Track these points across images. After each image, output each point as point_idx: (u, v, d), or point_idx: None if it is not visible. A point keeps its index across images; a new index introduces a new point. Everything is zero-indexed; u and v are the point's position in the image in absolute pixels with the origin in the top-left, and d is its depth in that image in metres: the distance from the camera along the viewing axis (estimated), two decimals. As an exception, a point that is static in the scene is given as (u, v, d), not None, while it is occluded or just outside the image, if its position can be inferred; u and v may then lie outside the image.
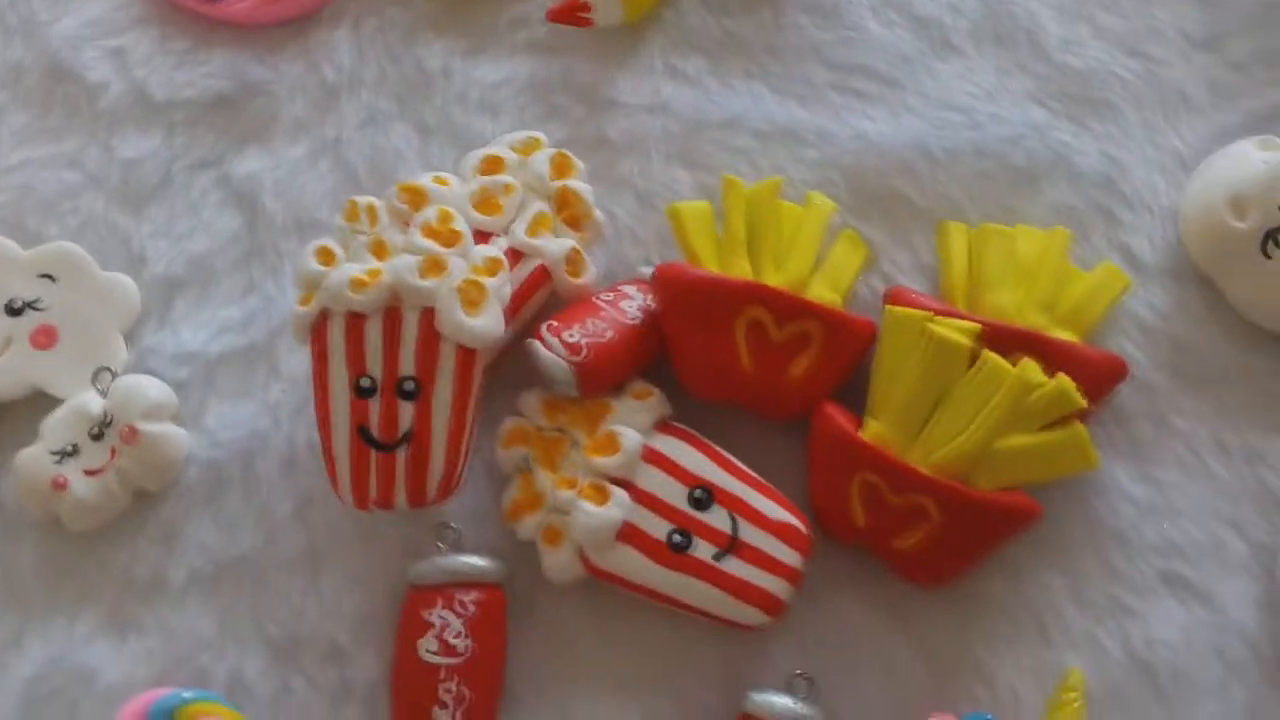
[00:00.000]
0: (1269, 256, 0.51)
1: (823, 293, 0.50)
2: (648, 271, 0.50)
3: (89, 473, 0.48)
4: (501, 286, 0.46)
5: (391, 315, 0.45)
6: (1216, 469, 0.50)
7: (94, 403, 0.49)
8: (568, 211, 0.50)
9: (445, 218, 0.46)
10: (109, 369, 0.50)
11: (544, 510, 0.46)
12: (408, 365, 0.45)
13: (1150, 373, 0.51)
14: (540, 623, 0.47)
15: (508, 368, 0.49)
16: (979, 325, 0.47)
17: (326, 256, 0.46)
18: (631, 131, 0.54)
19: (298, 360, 0.49)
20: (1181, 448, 0.51)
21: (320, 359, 0.46)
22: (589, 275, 0.49)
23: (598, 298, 0.49)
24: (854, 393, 0.49)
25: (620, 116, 0.54)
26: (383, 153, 0.54)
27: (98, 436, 0.48)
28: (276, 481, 0.49)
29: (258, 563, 0.48)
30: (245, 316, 0.51)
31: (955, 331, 0.47)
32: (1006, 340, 0.48)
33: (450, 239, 0.46)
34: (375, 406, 0.45)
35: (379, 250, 0.46)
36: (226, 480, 0.49)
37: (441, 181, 0.48)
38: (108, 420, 0.49)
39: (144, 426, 0.48)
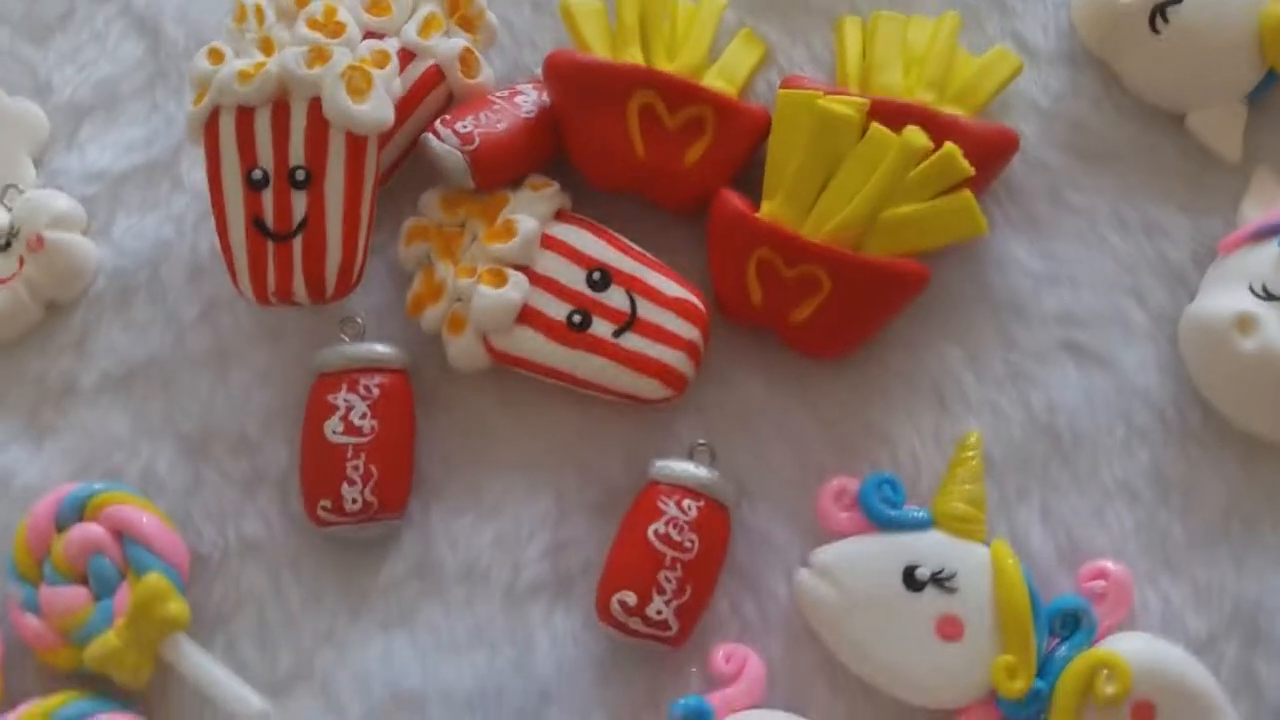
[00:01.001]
0: (1157, 32, 0.51)
1: (717, 83, 0.50)
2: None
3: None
4: (390, 77, 0.46)
5: (280, 107, 0.46)
6: (1115, 242, 0.51)
7: (1, 215, 0.50)
8: (459, 13, 0.50)
9: (330, 11, 0.47)
10: (16, 186, 0.51)
11: (445, 300, 0.47)
12: (298, 155, 0.45)
13: (1046, 151, 0.52)
14: (450, 412, 0.48)
15: (408, 176, 0.50)
16: (867, 100, 0.48)
17: (216, 57, 0.47)
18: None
19: (199, 174, 0.49)
20: (1080, 222, 0.51)
21: (213, 156, 0.46)
22: (483, 75, 0.50)
23: (492, 94, 0.50)
24: (751, 184, 0.49)
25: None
26: (280, -27, 0.55)
27: (5, 247, 0.49)
28: (183, 287, 0.50)
29: (167, 363, 0.49)
30: (149, 135, 0.52)
31: (843, 104, 0.47)
32: (895, 115, 0.48)
33: (335, 31, 0.46)
34: (268, 197, 0.45)
35: (266, 47, 0.47)
36: (135, 287, 0.50)
37: (331, -15, 0.49)
38: (15, 231, 0.49)
39: (51, 235, 0.49)
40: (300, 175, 0.45)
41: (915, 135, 0.47)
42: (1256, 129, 0.52)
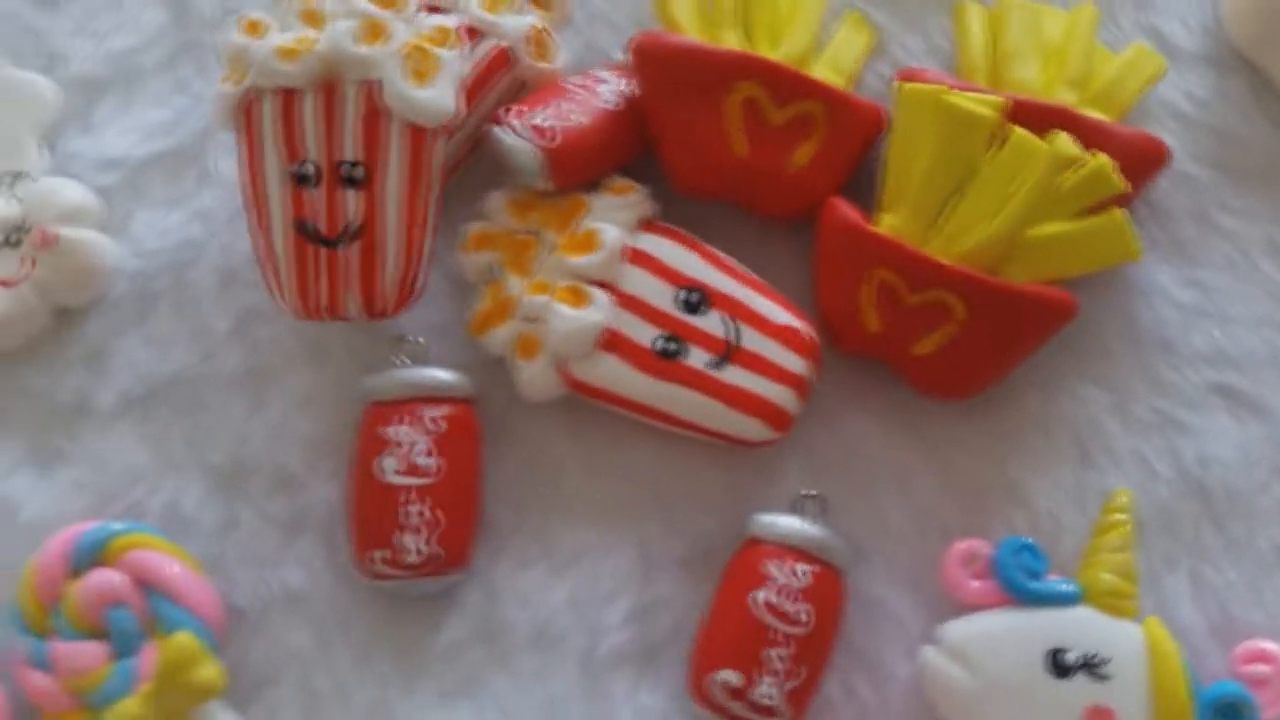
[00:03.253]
0: (1326, 32, 0.45)
1: (826, 74, 0.44)
2: (624, 58, 0.45)
3: (2, 284, 0.43)
4: (456, 60, 0.40)
5: (329, 90, 0.39)
6: (1271, 271, 0.45)
7: (8, 207, 0.43)
8: (533, -13, 0.44)
9: (388, -21, 0.40)
10: (26, 173, 0.44)
11: (515, 319, 0.41)
12: (351, 148, 0.39)
13: (1191, 166, 0.46)
14: (518, 447, 0.42)
15: (470, 173, 0.44)
16: (1003, 99, 0.42)
17: (254, 28, 0.40)
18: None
19: (232, 164, 0.43)
20: (1230, 248, 0.45)
21: (250, 145, 0.40)
22: (557, 59, 0.44)
23: (569, 82, 0.43)
24: (863, 191, 0.43)
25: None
26: (326, -66, 0.48)
27: (13, 244, 0.43)
28: (213, 295, 0.43)
29: (194, 384, 0.43)
30: (174, 117, 0.46)
31: (976, 103, 0.41)
32: (1033, 117, 0.42)
33: (392, 1, 0.40)
34: (317, 197, 0.39)
35: (312, 19, 0.40)
36: (157, 294, 0.44)
37: (387, -50, 0.43)
38: (24, 226, 0.43)
39: (63, 231, 0.43)
40: (354, 171, 0.39)
41: (1065, 144, 0.41)
42: None
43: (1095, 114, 0.44)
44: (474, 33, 0.42)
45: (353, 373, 0.42)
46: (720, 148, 0.42)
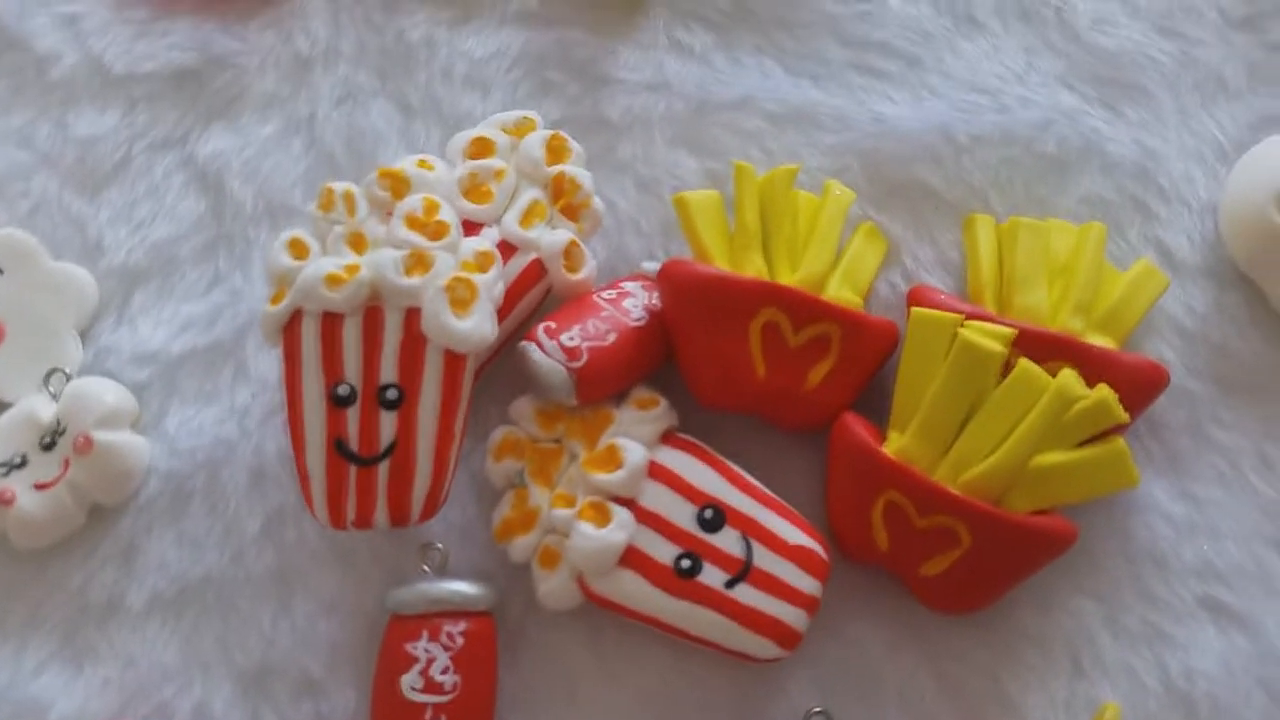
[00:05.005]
0: (1315, 255, 0.48)
1: (842, 292, 0.46)
2: (652, 267, 0.46)
3: (39, 486, 0.44)
4: (494, 284, 0.41)
5: (371, 316, 0.41)
6: (1260, 485, 0.47)
7: (45, 408, 0.45)
8: (564, 200, 0.45)
9: (431, 207, 0.42)
10: (62, 370, 0.45)
11: (538, 530, 0.42)
12: (390, 372, 0.41)
13: (1188, 380, 0.48)
14: (534, 652, 0.44)
15: (500, 370, 0.46)
16: (1013, 330, 0.44)
17: (299, 249, 0.42)
18: (632, 111, 0.50)
19: (268, 361, 0.45)
20: (1222, 462, 0.47)
21: (292, 363, 0.41)
22: (588, 270, 0.45)
23: (598, 295, 0.45)
24: (875, 400, 0.45)
25: (620, 94, 0.50)
26: (361, 132, 0.49)
27: (49, 446, 0.44)
28: (244, 495, 0.45)
29: (224, 584, 0.44)
30: (210, 311, 0.47)
31: (988, 337, 0.43)
32: (1041, 346, 0.44)
33: (436, 231, 0.41)
34: (353, 417, 0.41)
35: (357, 243, 0.42)
36: (189, 493, 0.45)
37: (426, 166, 0.44)
38: (60, 428, 0.44)
39: (100, 435, 0.44)
40: (391, 394, 0.41)
41: (1072, 382, 0.42)
42: None
43: (1101, 340, 0.46)
44: (510, 247, 0.44)
45: (377, 576, 0.44)
46: (742, 368, 0.44)
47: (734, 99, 0.50)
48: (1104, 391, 0.43)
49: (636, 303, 0.45)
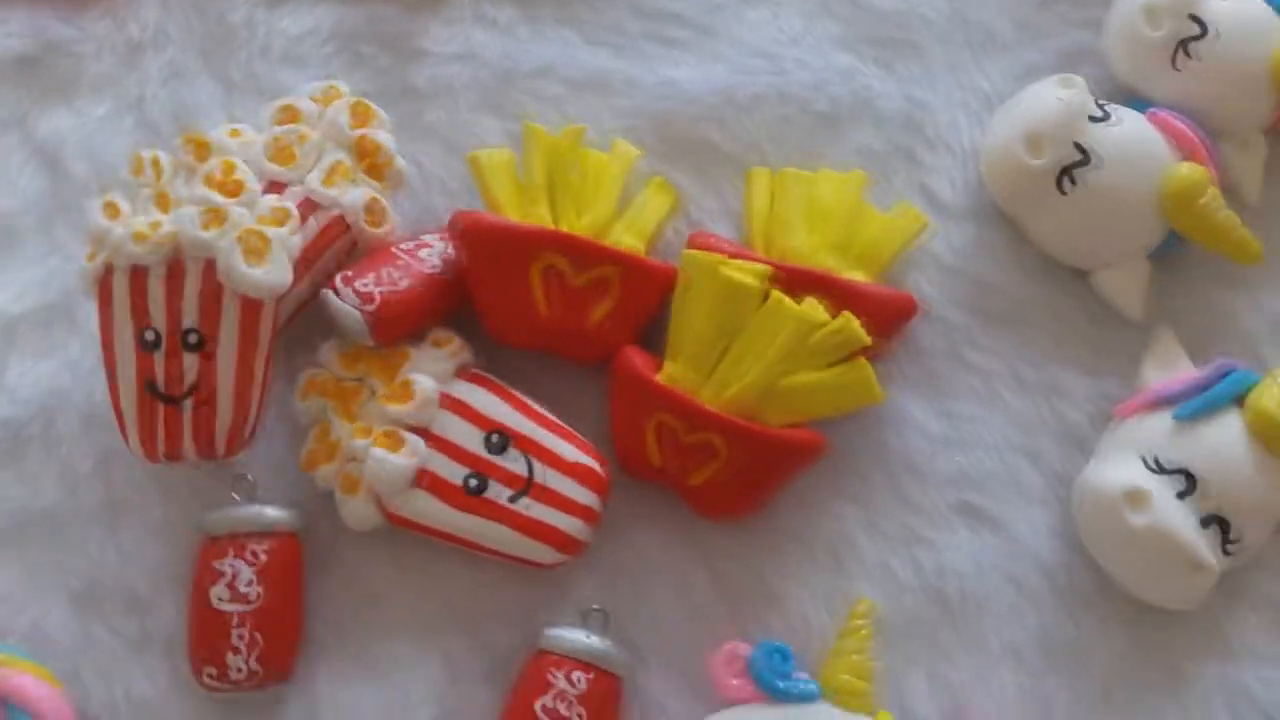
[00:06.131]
0: (1065, 193, 0.52)
1: (625, 239, 0.51)
2: (448, 226, 0.51)
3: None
4: (289, 237, 0.46)
5: (175, 267, 0.45)
6: (1013, 401, 0.52)
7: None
8: (368, 160, 0.50)
9: (228, 168, 0.46)
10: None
11: (340, 459, 0.47)
12: (190, 317, 0.45)
13: (948, 310, 0.52)
14: (341, 571, 0.48)
15: (312, 321, 0.50)
16: (769, 267, 0.48)
17: (113, 211, 0.46)
18: (439, 80, 0.54)
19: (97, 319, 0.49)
20: (977, 382, 0.52)
21: (106, 313, 0.46)
22: (390, 225, 0.50)
23: (396, 247, 0.49)
24: (660, 336, 0.50)
25: (428, 65, 0.54)
26: (186, 108, 0.53)
27: (-106, 396, 0.49)
28: (77, 438, 0.49)
29: (59, 517, 0.48)
30: (47, 276, 0.51)
31: (744, 273, 0.48)
32: (797, 281, 0.49)
33: (234, 190, 0.46)
34: (160, 360, 0.45)
35: (162, 203, 0.46)
36: (28, 438, 0.49)
37: (234, 134, 0.48)
38: (-97, 380, 0.49)
39: (-60, 385, 0.49)
40: (193, 338, 0.45)
41: (813, 309, 0.47)
42: (1159, 287, 0.52)
43: (855, 274, 0.50)
44: (313, 204, 0.48)
45: (197, 507, 0.48)
46: (526, 308, 0.48)
47: (536, 67, 0.55)
48: (846, 317, 0.48)
49: (433, 253, 0.50)
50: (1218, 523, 0.48)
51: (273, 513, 0.47)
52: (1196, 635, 0.49)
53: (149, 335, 0.45)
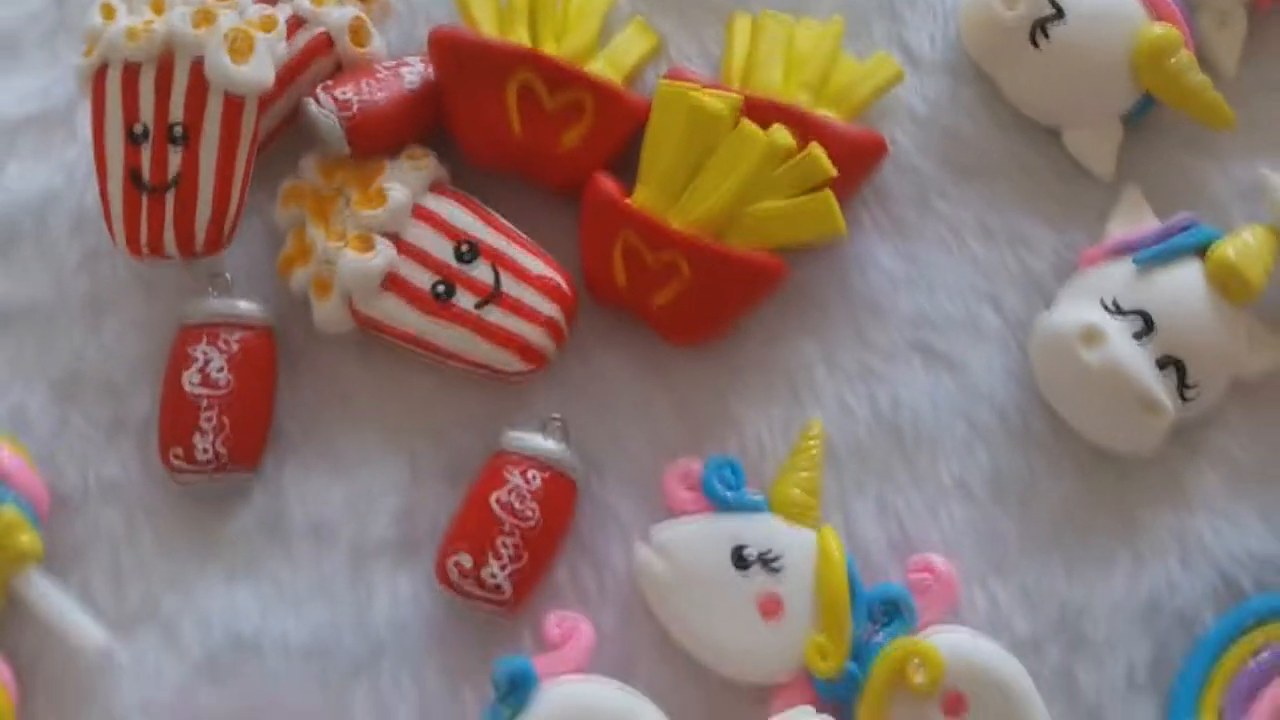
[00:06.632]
0: (1038, 47, 0.52)
1: (603, 69, 0.52)
2: (428, 47, 0.52)
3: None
4: (275, 42, 0.48)
5: (165, 65, 0.47)
6: (978, 250, 0.52)
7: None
8: (356, -13, 0.52)
9: (220, -23, 0.48)
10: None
11: (313, 262, 0.49)
12: (177, 112, 0.47)
13: (918, 159, 0.53)
14: (313, 373, 0.50)
15: (296, 140, 0.51)
16: (740, 97, 0.50)
17: (109, 12, 0.48)
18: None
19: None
20: (944, 230, 0.53)
21: (98, 108, 0.48)
22: (373, 45, 0.51)
23: (378, 65, 0.51)
24: (632, 172, 0.50)
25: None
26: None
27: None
28: (67, 236, 0.51)
29: (44, 309, 0.50)
30: (47, 85, 0.53)
31: (715, 100, 0.49)
32: (768, 114, 0.49)
33: (225, -2, 0.48)
34: (146, 151, 0.47)
35: (157, 6, 0.48)
36: (20, 234, 0.51)
37: (226, -50, 0.51)
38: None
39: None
40: (178, 131, 0.47)
41: (780, 134, 0.48)
42: (1130, 150, 0.53)
43: (827, 112, 0.51)
44: (300, 21, 0.50)
45: (177, 305, 0.49)
46: (499, 126, 0.49)
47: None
48: (813, 147, 0.49)
49: (414, 72, 0.51)
50: (1174, 365, 0.49)
51: (246, 305, 0.48)
52: (1153, 486, 0.50)
53: (138, 129, 0.47)
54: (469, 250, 0.49)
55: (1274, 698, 0.47)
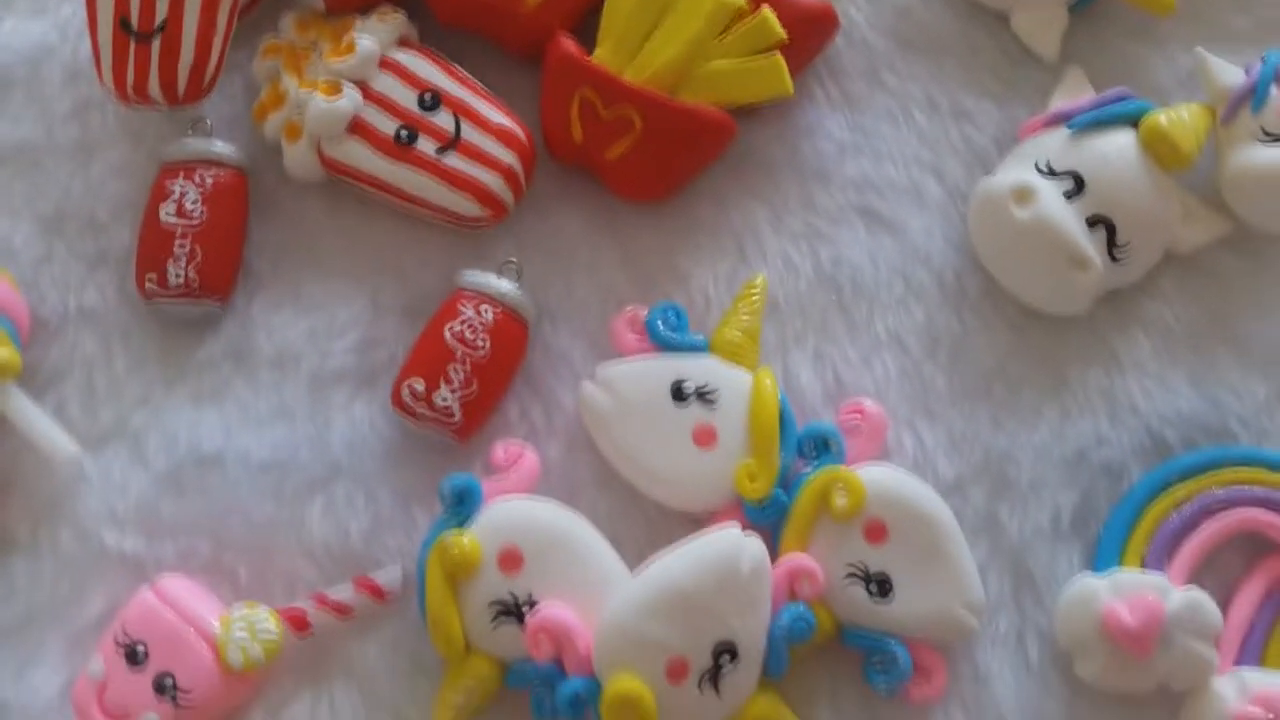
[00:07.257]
0: (986, -72, 0.55)
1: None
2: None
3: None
4: (254, -103, 0.51)
5: (154, -79, 0.51)
6: (922, 122, 0.55)
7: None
8: None
9: None
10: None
11: (286, 108, 0.51)
12: (165, -37, 0.50)
13: (870, 34, 0.55)
14: (283, 216, 0.53)
15: (277, 7, 0.54)
16: (697, -38, 0.52)
17: None
18: None
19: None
20: (892, 103, 0.55)
21: (91, -41, 0.51)
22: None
23: (350, -73, 0.54)
24: (592, 45, 0.53)
25: None
26: None
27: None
28: (59, 86, 0.54)
29: (34, 150, 0.53)
30: (45, -54, 0.57)
31: (672, -37, 0.52)
32: (726, -20, 0.52)
33: None
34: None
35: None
36: (14, 82, 0.54)
37: None
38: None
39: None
40: (166, -19, 0.50)
41: (732, -4, 0.51)
42: (1076, 37, 0.55)
43: (780, -19, 0.54)
44: (282, -110, 0.54)
45: (161, 152, 0.52)
46: (464, -14, 0.53)
47: None
48: (765, 11, 0.51)
49: (384, -66, 0.54)
50: (1104, 225, 0.51)
51: (222, 145, 0.51)
52: (1084, 346, 0.52)
53: (127, -22, 0.51)
54: (432, 99, 0.51)
55: (1195, 547, 0.49)
